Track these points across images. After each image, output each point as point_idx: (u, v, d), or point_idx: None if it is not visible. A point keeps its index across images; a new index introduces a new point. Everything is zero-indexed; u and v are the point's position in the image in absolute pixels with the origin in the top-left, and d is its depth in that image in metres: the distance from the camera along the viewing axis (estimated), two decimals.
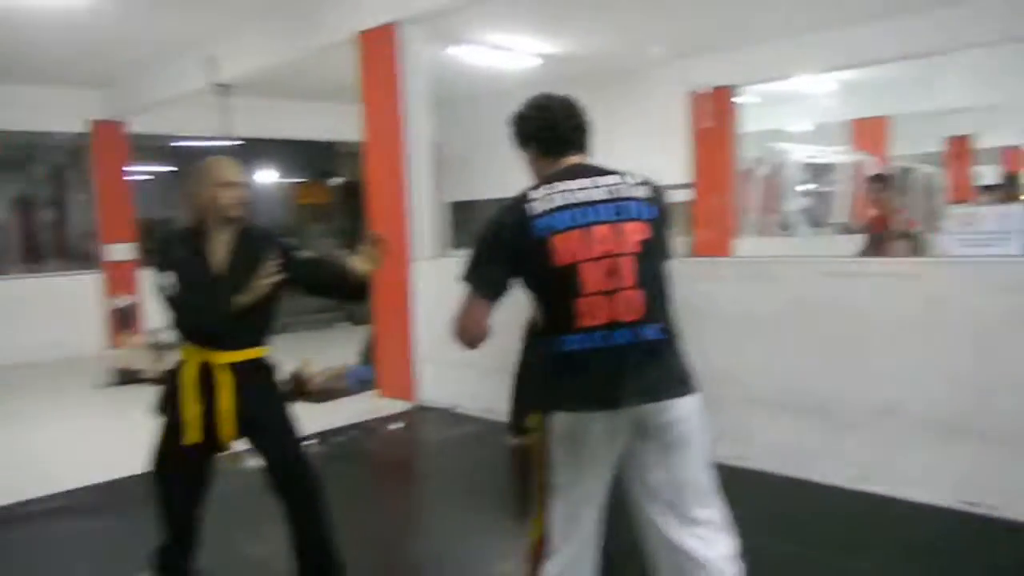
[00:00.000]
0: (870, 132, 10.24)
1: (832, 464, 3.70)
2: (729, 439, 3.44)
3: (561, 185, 1.93)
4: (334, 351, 6.88)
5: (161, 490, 2.79)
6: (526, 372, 3.94)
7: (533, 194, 1.93)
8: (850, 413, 3.66)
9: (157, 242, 2.78)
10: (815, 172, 9.40)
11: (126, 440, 3.34)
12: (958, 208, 3.71)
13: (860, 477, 3.61)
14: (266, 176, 11.24)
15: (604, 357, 1.83)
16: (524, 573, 1.95)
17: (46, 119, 8.64)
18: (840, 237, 7.81)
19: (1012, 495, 3.23)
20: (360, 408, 5.64)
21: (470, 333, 1.95)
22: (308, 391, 5.81)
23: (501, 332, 2.13)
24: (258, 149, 10.38)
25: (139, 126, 9.01)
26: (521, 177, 2.15)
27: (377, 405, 5.75)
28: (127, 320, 7.92)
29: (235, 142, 7.38)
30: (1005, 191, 8.18)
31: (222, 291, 2.56)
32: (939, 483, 3.40)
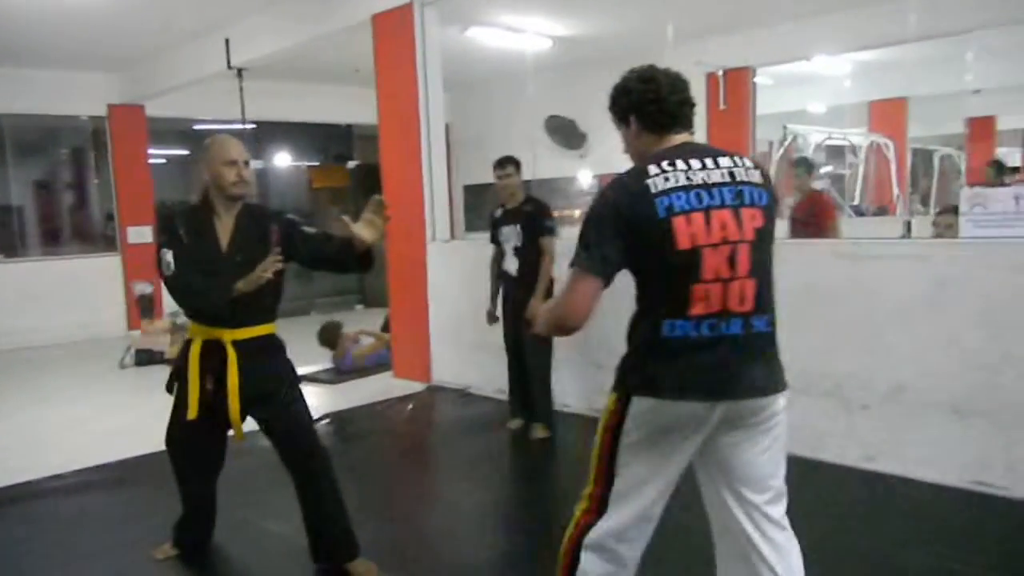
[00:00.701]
0: (888, 114, 10.11)
1: (843, 444, 3.73)
2: None
3: (680, 163, 1.78)
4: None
5: (175, 466, 2.87)
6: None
7: (652, 169, 1.78)
8: (861, 394, 3.68)
9: (161, 220, 2.76)
10: (832, 154, 9.31)
11: (149, 418, 3.42)
12: (970, 189, 3.66)
13: (871, 457, 3.64)
14: (282, 159, 11.30)
15: (714, 346, 1.75)
16: (567, 539, 1.93)
17: (65, 103, 8.74)
18: (856, 219, 7.75)
19: (1022, 475, 3.24)
20: (375, 388, 5.73)
21: (577, 316, 1.80)
22: None
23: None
24: (275, 132, 10.45)
25: (157, 109, 9.09)
26: (531, 159, 2.09)
27: (392, 385, 5.83)
28: (150, 306, 8.03)
29: (251, 125, 7.43)
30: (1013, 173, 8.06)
31: (224, 271, 2.54)
32: (949, 463, 3.41)
